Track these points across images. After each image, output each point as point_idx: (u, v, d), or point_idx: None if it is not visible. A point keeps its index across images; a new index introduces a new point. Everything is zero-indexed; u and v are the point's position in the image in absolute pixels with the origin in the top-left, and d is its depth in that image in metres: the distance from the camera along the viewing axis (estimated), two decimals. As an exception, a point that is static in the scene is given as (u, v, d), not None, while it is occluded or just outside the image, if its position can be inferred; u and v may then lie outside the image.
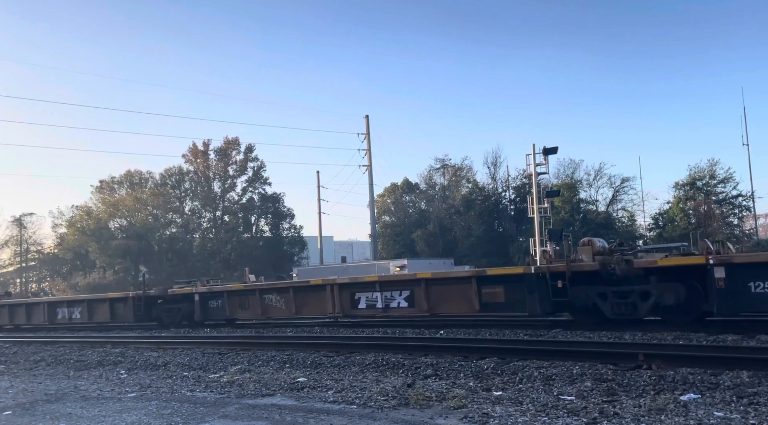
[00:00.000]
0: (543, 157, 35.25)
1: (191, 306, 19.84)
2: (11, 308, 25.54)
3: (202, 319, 19.85)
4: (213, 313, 19.60)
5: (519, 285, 13.43)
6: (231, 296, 19.03)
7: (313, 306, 17.14)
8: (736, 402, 5.66)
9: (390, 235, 55.92)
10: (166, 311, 20.55)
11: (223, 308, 19.09)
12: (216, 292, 19.64)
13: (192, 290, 19.96)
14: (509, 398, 6.37)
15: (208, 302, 19.63)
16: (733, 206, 42.59)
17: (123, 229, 57.03)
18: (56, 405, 7.45)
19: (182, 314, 20.07)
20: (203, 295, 19.76)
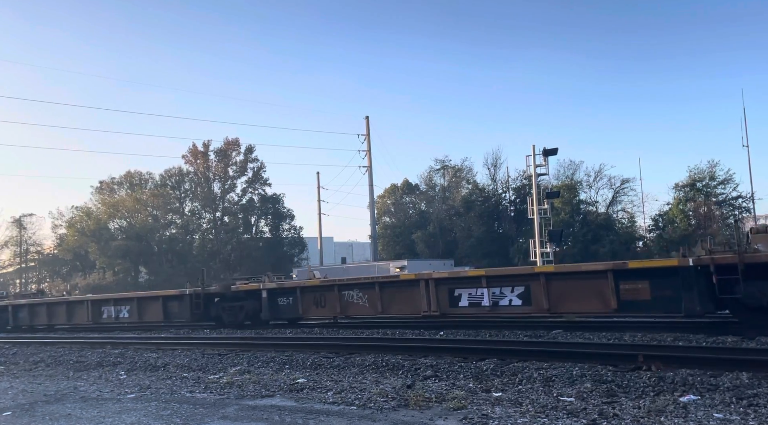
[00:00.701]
0: (543, 158, 35.25)
1: (255, 304, 18.46)
2: (50, 308, 24.08)
3: (270, 318, 18.47)
4: (283, 311, 18.07)
5: (671, 280, 11.62)
6: (305, 293, 17.50)
7: (403, 304, 15.47)
8: (735, 404, 5.66)
9: (390, 236, 55.90)
10: (226, 310, 18.97)
11: (295, 306, 17.63)
12: (287, 288, 18.12)
13: (259, 287, 18.52)
14: (509, 399, 6.37)
15: (278, 300, 18.12)
16: (733, 207, 42.60)
17: (123, 230, 57.01)
18: (56, 406, 7.45)
19: (245, 313, 18.56)
20: (272, 291, 18.26)
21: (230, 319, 18.88)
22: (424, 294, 14.90)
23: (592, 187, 48.57)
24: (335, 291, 16.76)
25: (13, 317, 25.08)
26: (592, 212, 45.86)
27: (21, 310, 24.98)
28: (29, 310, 24.57)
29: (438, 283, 14.84)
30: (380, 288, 15.94)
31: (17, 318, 25.05)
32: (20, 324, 25.11)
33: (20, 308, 25.08)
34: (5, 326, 25.32)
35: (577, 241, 42.91)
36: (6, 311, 25.42)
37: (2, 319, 25.43)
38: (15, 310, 25.16)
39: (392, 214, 60.10)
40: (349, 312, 16.84)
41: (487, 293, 14.05)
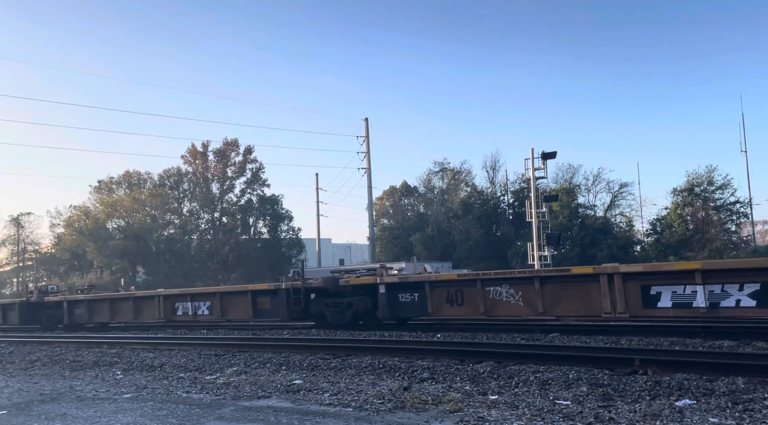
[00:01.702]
0: (542, 161, 35.32)
1: (367, 300, 16.09)
2: (114, 304, 22.04)
3: (388, 316, 16.02)
4: (405, 309, 15.68)
5: None
6: (435, 289, 15.14)
7: (574, 304, 13.05)
8: (731, 409, 5.67)
9: (388, 238, 55.90)
10: (331, 307, 16.60)
11: (421, 304, 15.25)
12: (412, 283, 15.68)
13: (375, 281, 16.08)
14: (505, 402, 6.38)
15: (399, 296, 15.74)
16: (731, 212, 42.66)
17: (121, 229, 56.94)
18: (51, 406, 7.43)
19: (354, 311, 16.19)
20: (392, 286, 15.88)
21: (336, 318, 16.54)
22: (606, 292, 12.50)
23: (590, 191, 48.68)
24: (478, 287, 14.38)
25: (68, 314, 23.15)
26: (591, 216, 45.91)
27: (78, 306, 23.09)
28: (88, 306, 22.68)
29: (627, 278, 12.41)
30: (541, 284, 13.46)
31: (73, 315, 23.14)
32: (77, 321, 23.19)
33: (77, 304, 23.16)
34: (57, 323, 23.68)
35: (575, 245, 42.96)
36: (59, 307, 23.56)
37: (54, 316, 23.69)
38: (71, 306, 23.21)
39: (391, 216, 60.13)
40: (497, 312, 14.31)
41: (702, 292, 11.53)
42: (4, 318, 24.94)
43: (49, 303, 23.98)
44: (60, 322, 23.58)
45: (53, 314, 23.69)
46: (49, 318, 23.70)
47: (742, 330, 11.62)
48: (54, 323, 23.61)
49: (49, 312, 23.81)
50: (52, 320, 23.66)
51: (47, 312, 23.86)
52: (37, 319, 24.01)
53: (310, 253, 59.84)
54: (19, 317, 24.07)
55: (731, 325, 12.29)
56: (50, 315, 23.77)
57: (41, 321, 23.92)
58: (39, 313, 24.03)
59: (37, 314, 24.06)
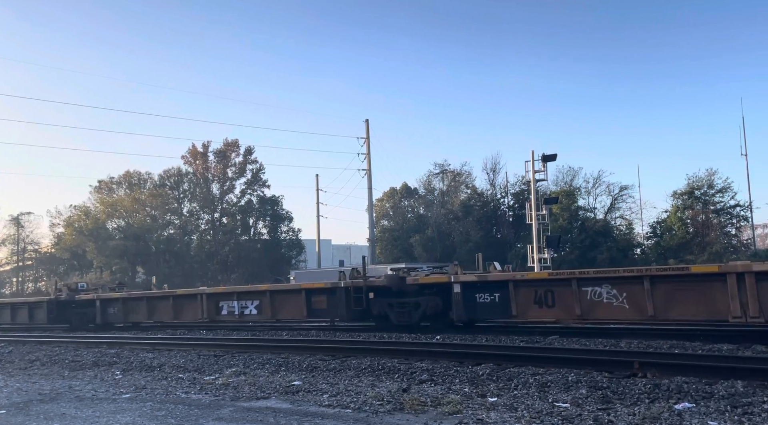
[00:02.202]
0: (542, 164, 35.34)
1: (438, 300, 14.75)
2: (151, 302, 20.85)
3: (463, 318, 14.54)
4: (484, 310, 14.30)
5: None
6: (521, 288, 13.71)
7: (692, 306, 11.64)
8: (730, 412, 5.67)
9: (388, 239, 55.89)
10: (396, 308, 15.13)
11: (504, 305, 13.83)
12: (493, 282, 14.28)
13: (448, 279, 14.68)
14: (504, 404, 6.38)
15: (476, 296, 14.33)
16: (731, 215, 42.64)
17: (121, 229, 56.96)
18: (50, 405, 7.43)
19: (422, 312, 14.84)
20: (469, 285, 14.41)
21: (401, 319, 15.21)
22: (734, 294, 11.07)
23: (590, 193, 48.66)
24: (573, 287, 13.02)
25: (101, 313, 21.90)
26: (591, 219, 45.89)
27: (112, 305, 21.91)
28: (124, 305, 21.50)
29: (761, 278, 10.88)
30: (651, 284, 12.02)
31: (106, 314, 21.93)
32: (110, 320, 22.03)
33: (111, 302, 21.97)
34: (88, 323, 22.44)
35: (575, 247, 42.93)
36: (91, 306, 22.35)
37: (85, 315, 22.46)
38: (104, 305, 22.03)
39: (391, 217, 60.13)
40: (596, 315, 13.02)
41: None
42: (31, 317, 23.81)
43: (80, 301, 22.82)
44: (91, 321, 22.33)
45: (84, 314, 22.50)
46: (80, 317, 22.57)
47: (742, 333, 11.61)
48: (85, 322, 22.45)
49: (80, 311, 22.64)
50: (83, 319, 22.49)
51: (78, 311, 22.70)
52: (66, 318, 22.88)
53: (310, 254, 59.83)
54: (47, 316, 22.93)
55: (730, 329, 12.28)
56: (81, 314, 22.57)
57: (71, 320, 22.75)
58: (68, 312, 22.85)
59: (66, 313, 22.87)
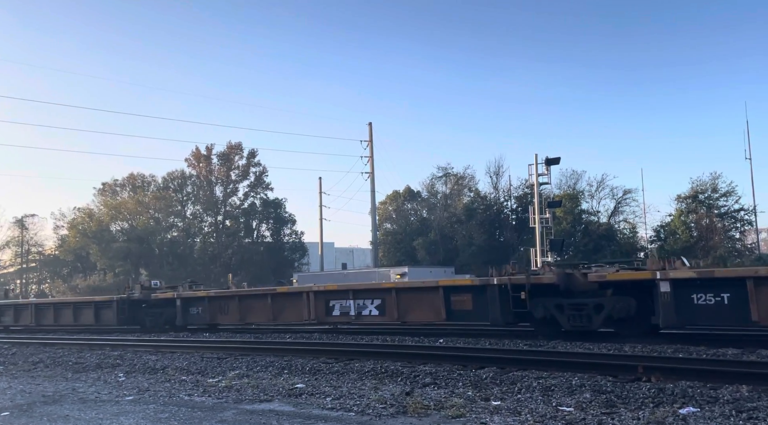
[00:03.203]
0: (545, 167, 35.32)
1: (630, 302, 12.25)
2: (244, 301, 18.50)
3: (675, 323, 11.90)
4: (706, 314, 11.44)
5: None
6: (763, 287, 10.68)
7: None
8: (735, 417, 5.64)
9: (391, 242, 55.88)
10: (568, 310, 12.69)
11: (739, 308, 10.91)
12: (722, 279, 11.41)
13: (651, 276, 11.89)
14: (508, 408, 6.36)
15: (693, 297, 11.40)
16: (735, 219, 42.55)
17: (124, 232, 57.10)
18: (54, 407, 7.44)
19: (606, 315, 12.31)
20: (683, 283, 11.58)
21: (575, 323, 12.80)
22: None
23: (594, 197, 48.62)
24: None
25: (182, 314, 19.73)
26: (594, 222, 45.83)
27: (196, 304, 19.66)
28: (210, 305, 19.26)
29: None
30: None
31: (188, 315, 19.81)
32: (193, 322, 19.92)
33: (195, 302, 19.71)
34: (164, 324, 20.36)
35: (579, 251, 42.85)
36: (169, 305, 20.21)
37: (161, 316, 20.45)
38: (186, 305, 19.82)
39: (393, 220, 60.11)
40: None
41: None
42: (97, 318, 21.86)
43: (156, 301, 20.68)
44: (169, 323, 20.22)
45: (160, 314, 20.43)
46: (155, 318, 20.56)
47: (747, 337, 11.56)
48: (160, 324, 20.37)
49: (156, 311, 20.59)
50: (158, 320, 20.46)
51: (153, 311, 20.67)
52: (138, 319, 20.98)
53: (313, 257, 59.80)
54: (116, 318, 21.00)
55: (735, 333, 12.24)
56: (156, 315, 20.55)
57: (144, 321, 20.84)
58: (141, 312, 20.94)
59: (138, 314, 20.97)
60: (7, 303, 26.80)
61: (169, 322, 20.25)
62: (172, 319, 20.11)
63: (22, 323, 24.66)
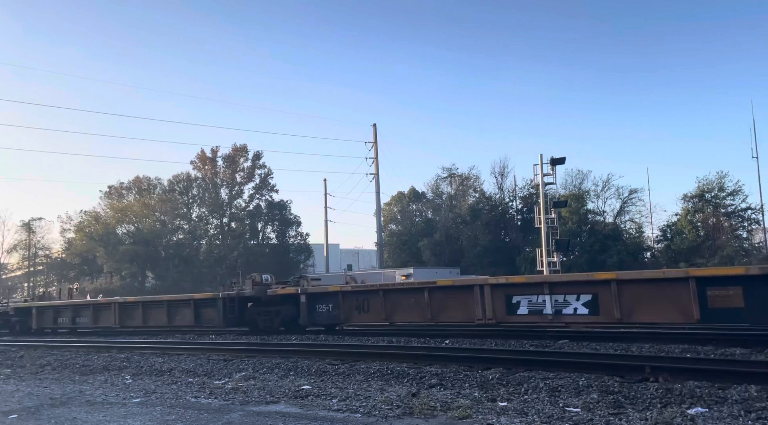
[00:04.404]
0: (550, 167, 35.24)
1: None
2: (389, 296, 15.72)
3: None
4: None
5: None
6: None
7: None
8: (744, 417, 5.60)
9: (396, 243, 55.88)
10: None
11: None
12: None
13: None
14: (514, 409, 6.33)
15: None
16: (742, 219, 42.32)
17: (131, 234, 57.34)
18: (61, 410, 7.47)
19: None
20: None
21: None
22: None
23: (599, 197, 48.47)
24: None
25: (308, 312, 17.41)
26: (600, 222, 45.68)
27: (326, 301, 17.34)
28: (345, 301, 16.62)
29: None
30: None
31: (315, 314, 17.48)
32: (321, 321, 17.44)
33: (325, 298, 17.30)
34: (281, 324, 17.91)
35: (584, 251, 42.71)
36: (290, 302, 17.83)
37: (278, 315, 17.96)
38: (312, 301, 17.49)
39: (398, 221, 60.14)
40: None
41: None
42: (197, 318, 19.70)
43: (272, 298, 18.14)
44: (288, 323, 17.72)
45: (276, 313, 17.94)
46: (269, 318, 18.08)
47: (755, 337, 11.49)
48: (276, 324, 17.91)
49: (270, 310, 18.11)
50: (274, 320, 17.96)
51: (266, 310, 18.22)
52: (248, 319, 18.82)
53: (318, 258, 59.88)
54: (222, 318, 18.70)
55: (743, 333, 12.16)
56: (271, 314, 18.08)
57: (255, 321, 18.46)
58: (252, 311, 18.72)
59: (248, 314, 18.80)
60: (83, 303, 24.53)
61: (288, 322, 17.73)
62: (291, 318, 17.56)
63: (103, 324, 22.54)
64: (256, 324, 18.43)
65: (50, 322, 24.52)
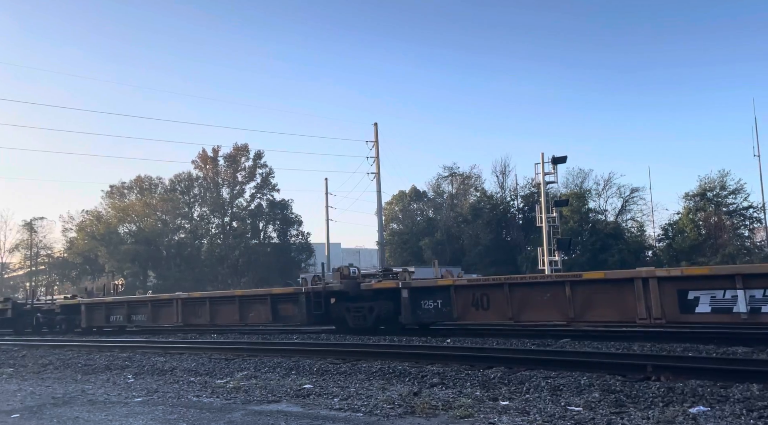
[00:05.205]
0: (552, 166, 35.20)
1: None
2: (515, 291, 13.59)
3: None
4: None
5: None
6: None
7: None
8: (746, 416, 5.59)
9: (397, 242, 55.90)
10: None
11: None
12: None
13: None
14: (516, 408, 6.33)
15: None
16: (744, 217, 42.29)
17: (132, 234, 57.40)
18: (63, 409, 7.48)
19: None
20: None
21: None
22: None
23: (601, 196, 48.49)
24: None
25: (410, 309, 15.01)
26: (601, 221, 45.66)
27: (433, 296, 14.86)
28: (457, 296, 14.39)
29: None
30: None
31: (419, 311, 15.00)
32: (427, 318, 15.17)
33: (431, 292, 14.91)
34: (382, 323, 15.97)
35: (586, 250, 42.70)
36: (389, 298, 15.58)
37: (374, 310, 15.81)
38: (416, 296, 15.07)
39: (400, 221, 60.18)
40: None
41: None
42: (275, 316, 17.85)
43: (366, 293, 16.09)
44: (386, 320, 15.78)
45: (369, 310, 15.89)
46: (362, 315, 16.00)
47: (758, 336, 11.47)
48: (370, 321, 15.82)
49: (363, 306, 16.04)
50: (368, 317, 15.88)
51: (358, 306, 16.16)
52: (335, 316, 16.89)
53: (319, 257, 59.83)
54: (306, 314, 16.96)
55: (745, 331, 12.15)
56: (364, 310, 16.00)
57: (344, 318, 16.46)
58: (339, 307, 16.66)
59: (335, 310, 16.82)
60: (140, 299, 23.29)
61: (385, 320, 15.84)
62: (388, 316, 15.65)
63: (164, 323, 21.31)
64: (343, 322, 16.54)
65: (102, 320, 22.84)
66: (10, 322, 24.54)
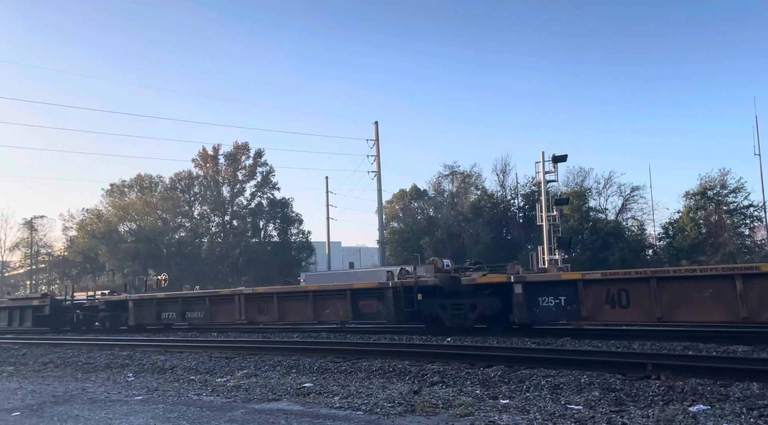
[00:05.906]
0: (552, 165, 35.17)
1: None
2: (665, 286, 11.86)
3: None
4: None
5: None
6: None
7: None
8: (746, 414, 5.60)
9: (398, 241, 55.85)
10: None
11: None
12: None
13: None
14: (516, 406, 6.34)
15: None
16: (745, 216, 42.19)
17: (132, 232, 57.43)
18: (64, 407, 7.48)
19: None
20: None
21: None
22: None
23: (601, 194, 48.36)
24: None
25: (525, 307, 13.35)
26: (602, 220, 45.59)
27: (553, 292, 13.14)
28: (586, 291, 12.69)
29: None
30: None
31: (535, 308, 13.34)
32: (546, 318, 13.47)
33: (551, 288, 13.21)
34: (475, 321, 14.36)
35: (586, 248, 42.66)
36: (496, 294, 14.14)
37: (476, 308, 14.24)
38: (532, 292, 13.41)
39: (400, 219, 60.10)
40: None
41: None
42: (355, 313, 16.38)
43: (465, 288, 14.44)
44: (492, 319, 14.19)
45: (470, 307, 14.25)
46: (462, 313, 14.32)
47: (757, 335, 11.48)
48: (471, 320, 14.29)
49: (462, 303, 14.38)
50: (468, 315, 14.25)
51: (456, 303, 14.47)
52: (426, 314, 15.08)
53: (320, 256, 59.94)
54: (393, 312, 15.37)
55: (746, 330, 12.15)
56: (464, 307, 14.34)
57: (438, 316, 14.77)
58: (430, 304, 14.86)
59: (425, 306, 14.96)
60: (196, 295, 21.19)
61: (489, 318, 14.22)
62: (494, 314, 14.00)
63: (224, 320, 19.84)
64: (436, 320, 14.88)
65: (152, 317, 21.37)
66: (47, 320, 23.22)
